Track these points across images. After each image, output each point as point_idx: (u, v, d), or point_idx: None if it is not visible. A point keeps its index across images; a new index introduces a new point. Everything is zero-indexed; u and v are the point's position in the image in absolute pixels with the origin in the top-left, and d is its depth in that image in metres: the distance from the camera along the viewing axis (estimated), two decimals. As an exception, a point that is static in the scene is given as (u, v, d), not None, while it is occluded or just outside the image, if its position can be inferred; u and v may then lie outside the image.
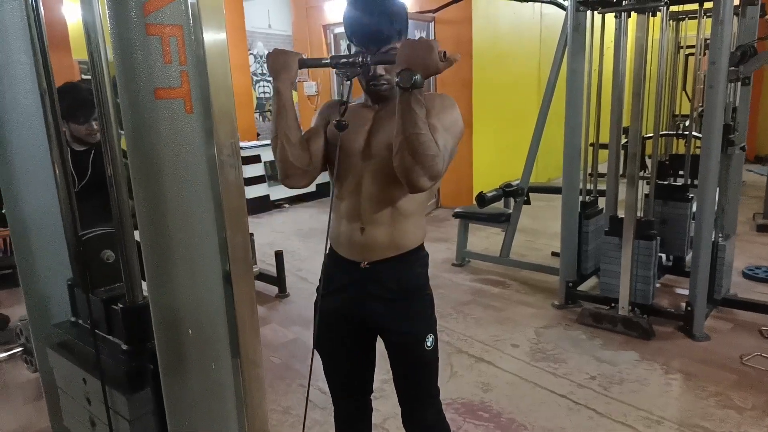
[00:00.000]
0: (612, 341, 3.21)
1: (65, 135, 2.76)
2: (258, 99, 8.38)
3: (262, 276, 4.20)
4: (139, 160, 0.77)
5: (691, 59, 6.83)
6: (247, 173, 6.59)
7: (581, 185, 3.80)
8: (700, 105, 5.14)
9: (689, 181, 3.70)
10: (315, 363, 1.54)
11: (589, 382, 2.79)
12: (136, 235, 0.89)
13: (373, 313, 1.59)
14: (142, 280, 0.91)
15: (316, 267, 1.61)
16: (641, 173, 3.42)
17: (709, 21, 3.14)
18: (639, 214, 3.33)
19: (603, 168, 3.86)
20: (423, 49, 1.23)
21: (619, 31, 3.46)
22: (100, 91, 0.91)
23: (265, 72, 8.47)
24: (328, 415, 2.48)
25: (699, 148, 3.20)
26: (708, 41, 3.20)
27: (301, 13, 8.17)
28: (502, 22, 6.82)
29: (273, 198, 7.19)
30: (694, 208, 3.30)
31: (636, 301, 3.33)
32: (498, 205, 4.69)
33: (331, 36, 7.60)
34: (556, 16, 5.90)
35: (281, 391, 2.80)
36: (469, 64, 6.38)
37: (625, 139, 3.76)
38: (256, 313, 0.92)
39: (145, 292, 0.92)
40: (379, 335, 1.67)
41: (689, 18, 5.19)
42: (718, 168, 3.09)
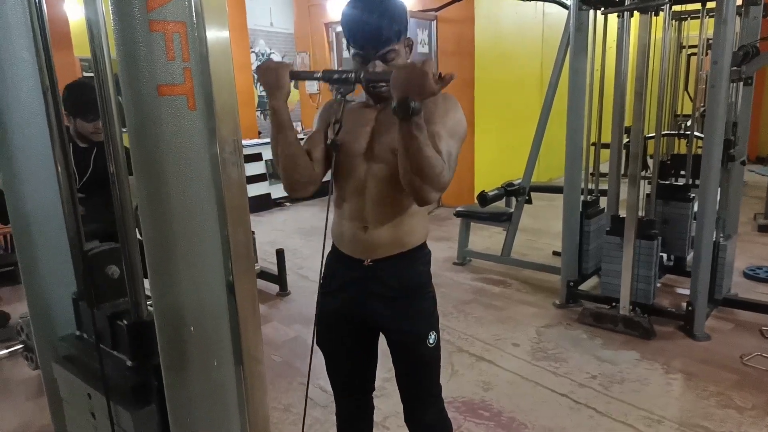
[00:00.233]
0: (613, 341, 3.21)
1: (69, 130, 2.75)
2: (259, 97, 8.38)
3: (264, 274, 4.20)
4: (142, 156, 0.77)
5: (693, 59, 6.82)
6: (248, 171, 6.58)
7: (583, 185, 3.80)
8: (702, 105, 5.13)
9: (690, 181, 3.70)
10: (316, 361, 1.54)
11: (589, 382, 2.79)
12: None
13: (375, 312, 1.59)
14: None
15: (318, 265, 1.61)
16: (643, 173, 3.41)
17: (711, 21, 3.14)
18: (640, 214, 3.33)
19: (604, 167, 3.86)
20: (418, 76, 1.21)
21: (622, 30, 3.46)
22: (103, 88, 0.91)
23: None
24: (329, 413, 2.48)
25: (701, 148, 3.20)
26: (710, 41, 3.20)
27: (303, 11, 8.17)
28: (505, 22, 6.82)
29: (274, 196, 7.19)
30: (696, 208, 3.29)
31: (637, 301, 3.33)
32: (499, 205, 4.69)
33: (333, 34, 7.59)
34: (558, 15, 5.90)
35: (282, 389, 2.80)
36: (471, 64, 6.37)
37: (627, 139, 3.75)
38: (258, 311, 0.92)
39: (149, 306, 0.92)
40: (381, 333, 1.67)
41: (692, 18, 5.18)
42: (719, 168, 3.09)
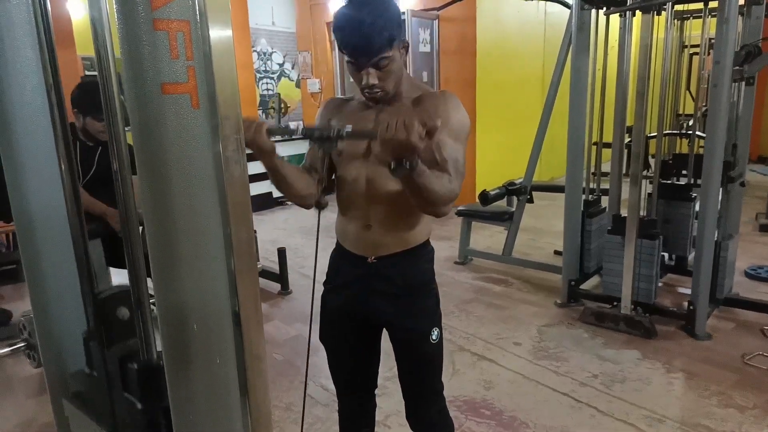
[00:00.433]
0: (614, 340, 3.21)
1: (78, 127, 2.76)
2: (261, 96, 8.39)
3: (265, 273, 4.20)
4: (145, 155, 0.77)
5: (695, 59, 6.83)
6: (249, 170, 6.55)
7: (584, 184, 3.80)
8: (704, 105, 5.14)
9: (692, 181, 3.70)
10: (317, 360, 1.54)
11: (591, 381, 2.79)
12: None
13: (378, 309, 1.59)
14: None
15: (319, 264, 1.62)
16: (644, 172, 3.42)
17: (713, 20, 3.13)
18: (642, 213, 3.33)
19: (606, 167, 3.86)
20: (402, 148, 1.19)
21: (624, 30, 3.46)
22: (107, 86, 0.92)
23: (268, 69, 8.47)
24: (331, 411, 2.49)
25: (702, 147, 3.20)
26: (712, 41, 3.19)
27: (304, 10, 8.18)
28: (507, 21, 6.82)
29: (276, 195, 7.19)
30: (697, 208, 3.29)
31: (638, 300, 3.33)
32: (501, 204, 4.69)
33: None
34: (560, 14, 5.89)
35: (284, 387, 2.81)
36: (473, 63, 6.38)
37: (629, 138, 3.75)
38: (260, 309, 0.92)
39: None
40: (385, 329, 1.68)
41: (694, 17, 5.17)
42: (721, 168, 3.08)
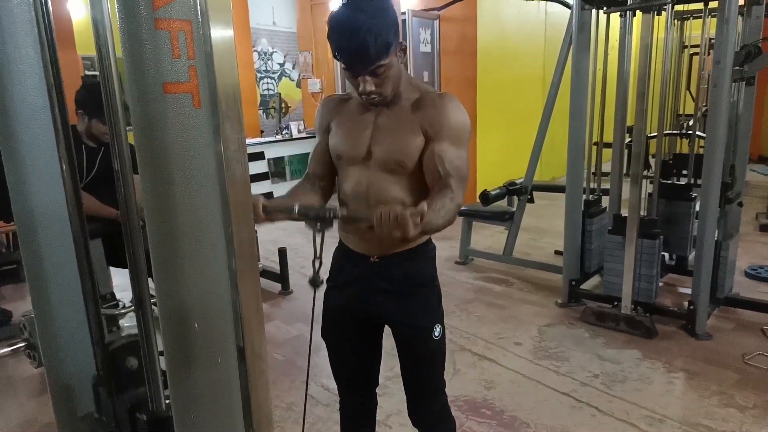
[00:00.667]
0: (615, 340, 3.21)
1: (83, 129, 2.76)
2: (262, 96, 8.39)
3: (266, 273, 4.21)
4: (147, 154, 0.78)
5: (695, 59, 6.82)
6: (250, 170, 6.57)
7: (585, 184, 3.80)
8: (704, 105, 5.13)
9: (692, 181, 3.70)
10: (320, 359, 1.54)
11: (591, 380, 2.79)
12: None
13: (380, 307, 1.60)
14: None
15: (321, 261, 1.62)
16: (645, 172, 3.42)
17: (713, 21, 3.14)
18: (642, 213, 3.33)
19: (607, 167, 3.86)
20: (398, 226, 1.21)
21: (624, 30, 3.46)
22: (108, 86, 0.92)
23: (268, 69, 8.48)
24: (332, 411, 2.49)
25: (702, 147, 3.20)
26: (712, 41, 3.20)
27: (305, 9, 8.18)
28: (507, 21, 6.81)
29: (276, 195, 7.17)
30: (698, 208, 3.30)
31: (639, 300, 3.33)
32: (501, 204, 4.69)
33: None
34: (561, 14, 5.88)
35: (285, 387, 2.81)
36: (473, 63, 6.37)
37: (629, 138, 3.75)
38: (261, 308, 0.93)
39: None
40: (387, 326, 1.69)
41: (694, 17, 5.18)
42: (721, 167, 3.08)
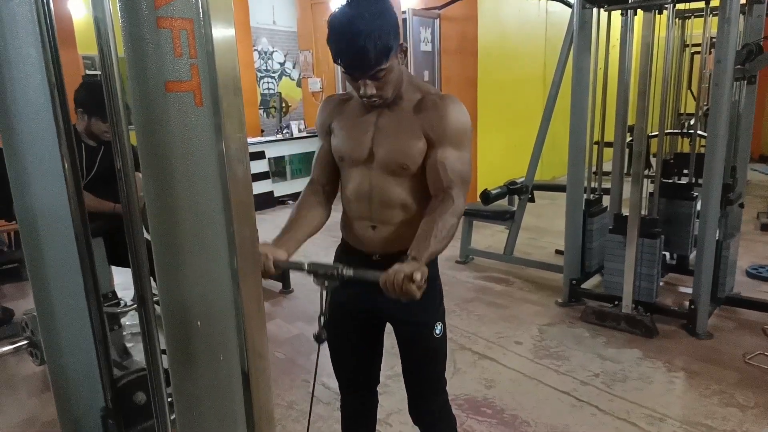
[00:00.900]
0: (615, 339, 3.22)
1: (78, 129, 2.76)
2: (262, 95, 8.39)
3: (266, 272, 4.20)
4: (149, 153, 0.78)
5: (696, 57, 6.82)
6: (251, 169, 6.58)
7: (586, 183, 3.80)
8: (706, 104, 5.13)
9: (693, 180, 3.70)
10: (321, 358, 1.54)
11: (592, 380, 2.79)
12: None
13: (382, 305, 1.60)
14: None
15: (322, 259, 1.62)
16: (646, 171, 3.41)
17: (715, 19, 3.13)
18: (643, 213, 3.33)
19: (607, 166, 3.86)
20: (404, 291, 1.28)
21: (625, 28, 3.45)
22: (110, 85, 0.92)
23: (269, 68, 8.48)
24: (332, 410, 2.49)
25: (704, 146, 3.20)
26: (714, 40, 3.19)
27: (305, 9, 8.18)
28: (508, 20, 6.81)
29: (277, 194, 7.20)
30: (699, 207, 3.29)
31: (639, 299, 3.33)
32: (502, 203, 4.69)
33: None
34: (562, 13, 5.89)
35: (285, 386, 2.81)
36: (474, 62, 6.37)
37: (630, 138, 3.75)
38: (263, 307, 0.93)
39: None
40: (389, 325, 1.69)
41: (695, 16, 5.17)
42: (722, 167, 3.08)
